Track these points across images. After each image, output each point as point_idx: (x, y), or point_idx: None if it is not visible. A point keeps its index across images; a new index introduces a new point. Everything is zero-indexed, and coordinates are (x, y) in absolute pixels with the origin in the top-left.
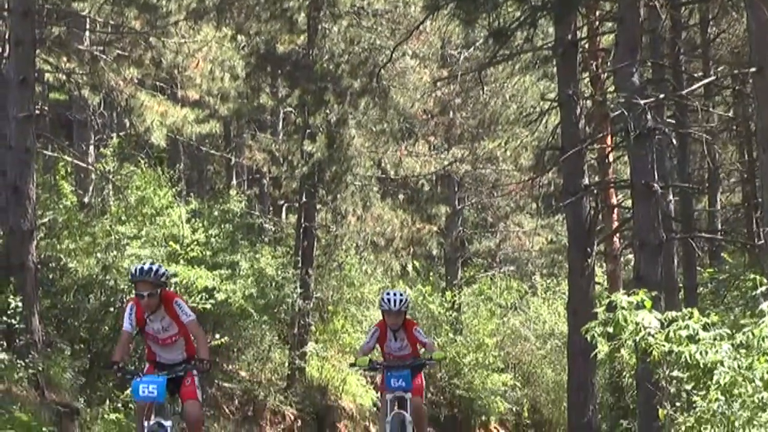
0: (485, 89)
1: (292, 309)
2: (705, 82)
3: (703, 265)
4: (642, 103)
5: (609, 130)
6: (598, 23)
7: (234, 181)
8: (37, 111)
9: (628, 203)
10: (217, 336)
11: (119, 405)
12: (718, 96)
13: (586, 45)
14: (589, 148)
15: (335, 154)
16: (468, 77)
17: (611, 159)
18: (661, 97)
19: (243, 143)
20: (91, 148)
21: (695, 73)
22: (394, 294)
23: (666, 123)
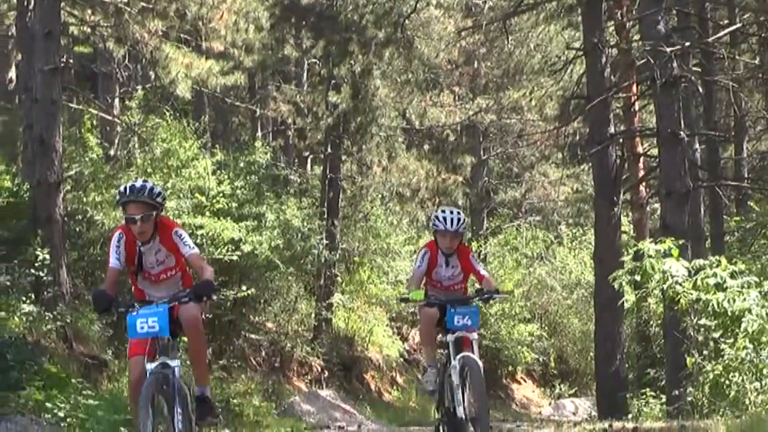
0: (510, 39)
1: (318, 260)
2: (731, 30)
3: (729, 213)
4: (668, 51)
5: (635, 78)
6: None
7: (259, 133)
8: (62, 64)
9: (654, 152)
10: (243, 288)
11: None
12: (744, 44)
13: None
14: (614, 96)
15: (360, 104)
16: (492, 27)
17: (637, 107)
18: (686, 45)
19: (268, 95)
20: (117, 100)
21: (721, 21)
22: (451, 212)
23: (692, 71)
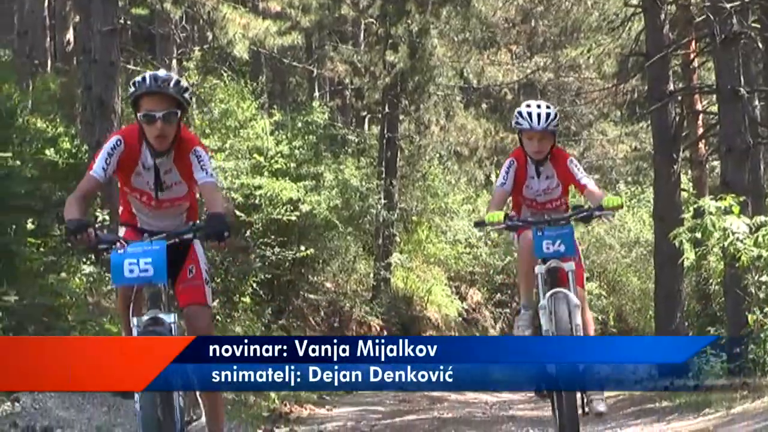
0: None
1: (377, 220)
2: None
3: None
4: (727, 6)
5: (694, 35)
6: None
7: (316, 93)
8: (120, 25)
9: (714, 109)
10: (302, 248)
11: None
12: None
13: None
14: (673, 53)
15: (417, 64)
16: None
17: (696, 64)
18: (746, 1)
19: (325, 55)
20: (174, 61)
21: None
22: (538, 105)
23: (752, 27)
